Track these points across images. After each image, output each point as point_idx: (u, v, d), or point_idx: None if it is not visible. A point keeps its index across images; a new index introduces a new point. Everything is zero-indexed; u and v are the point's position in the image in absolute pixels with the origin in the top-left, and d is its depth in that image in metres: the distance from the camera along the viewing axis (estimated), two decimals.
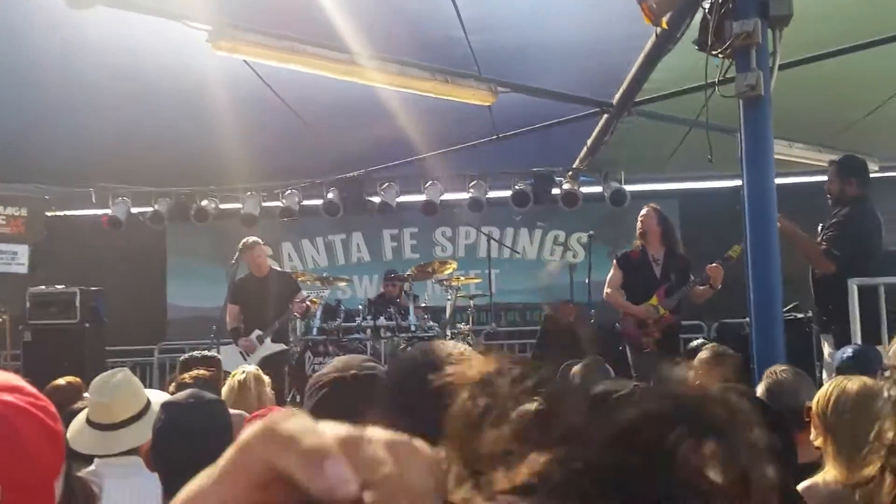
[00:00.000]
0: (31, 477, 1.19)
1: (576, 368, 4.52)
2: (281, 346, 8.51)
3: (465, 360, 0.57)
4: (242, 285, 8.61)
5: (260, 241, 8.69)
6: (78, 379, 5.37)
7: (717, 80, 4.86)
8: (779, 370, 3.40)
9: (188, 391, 2.95)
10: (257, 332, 8.38)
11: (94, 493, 2.34)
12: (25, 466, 1.18)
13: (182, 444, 2.45)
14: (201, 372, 4.16)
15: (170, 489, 2.46)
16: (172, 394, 3.67)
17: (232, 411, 3.04)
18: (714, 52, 4.78)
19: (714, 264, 6.99)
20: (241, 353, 8.25)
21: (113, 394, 3.67)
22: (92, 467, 3.19)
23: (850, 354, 4.22)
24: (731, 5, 4.68)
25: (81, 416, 3.82)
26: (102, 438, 3.10)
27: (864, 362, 3.93)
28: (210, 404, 2.67)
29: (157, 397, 3.52)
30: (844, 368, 3.86)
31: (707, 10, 4.86)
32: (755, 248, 4.80)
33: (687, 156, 9.24)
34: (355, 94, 7.42)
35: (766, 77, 4.65)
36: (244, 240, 8.62)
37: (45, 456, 1.23)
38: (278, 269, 9.38)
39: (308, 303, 8.79)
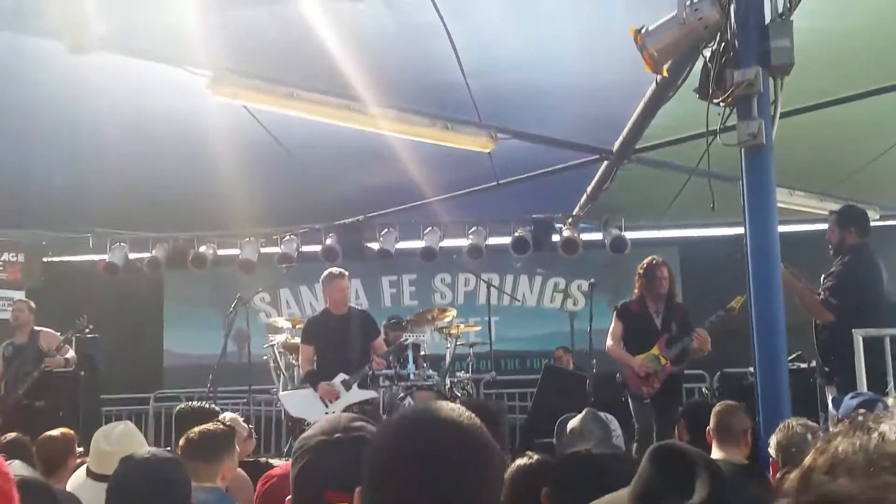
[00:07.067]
0: None
1: (574, 421, 4.45)
2: (370, 394, 7.79)
3: None
4: (318, 324, 7.89)
5: (344, 273, 7.95)
6: (72, 431, 5.29)
7: (718, 128, 4.82)
8: (794, 423, 3.31)
9: (148, 450, 2.87)
10: (342, 377, 7.59)
11: None
12: None
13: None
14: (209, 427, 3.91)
15: None
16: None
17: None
18: (715, 101, 4.76)
19: (701, 329, 6.94)
20: (321, 399, 7.53)
21: (117, 444, 3.58)
22: None
23: (858, 403, 4.08)
24: (731, 54, 4.67)
25: (81, 470, 3.72)
26: (103, 490, 2.99)
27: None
28: (165, 462, 2.60)
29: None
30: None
31: (708, 59, 4.84)
32: (758, 297, 4.73)
33: (687, 203, 9.21)
34: (354, 139, 7.41)
35: (768, 125, 4.62)
36: (327, 271, 7.96)
37: None
38: (357, 307, 8.69)
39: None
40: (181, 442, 3.67)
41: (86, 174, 8.53)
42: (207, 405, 5.94)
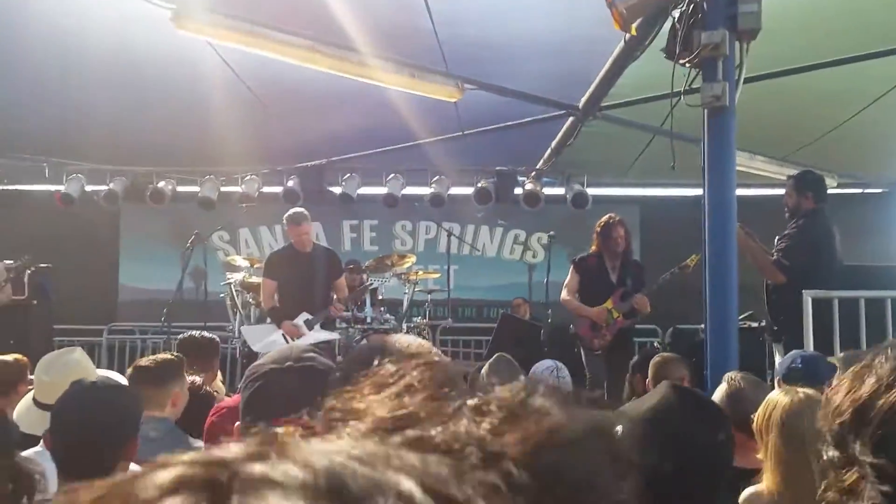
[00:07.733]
0: None
1: (486, 365, 4.68)
2: (333, 336, 7.65)
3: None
4: (280, 260, 7.77)
5: (308, 216, 7.75)
6: (24, 357, 5.26)
7: (682, 89, 4.87)
8: (739, 377, 3.41)
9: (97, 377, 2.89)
10: (305, 316, 7.49)
11: (36, 475, 2.27)
12: None
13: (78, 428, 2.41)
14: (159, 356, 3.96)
15: (65, 471, 2.40)
16: None
17: None
18: (681, 61, 4.80)
19: (640, 295, 7.11)
20: (283, 336, 7.41)
21: (58, 373, 3.58)
22: (38, 448, 3.10)
23: (799, 364, 4.15)
24: (700, 16, 4.70)
25: (28, 396, 3.73)
26: (47, 419, 3.01)
27: (813, 373, 3.85)
28: (112, 391, 2.62)
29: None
30: (791, 378, 3.77)
31: (676, 19, 4.87)
32: (713, 256, 4.83)
33: (649, 162, 9.30)
34: (320, 82, 7.33)
35: (732, 88, 4.68)
36: (293, 210, 7.80)
37: None
38: (323, 245, 8.60)
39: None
40: (129, 370, 3.70)
41: (41, 103, 8.35)
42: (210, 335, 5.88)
